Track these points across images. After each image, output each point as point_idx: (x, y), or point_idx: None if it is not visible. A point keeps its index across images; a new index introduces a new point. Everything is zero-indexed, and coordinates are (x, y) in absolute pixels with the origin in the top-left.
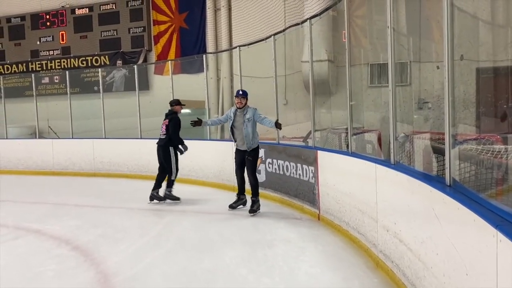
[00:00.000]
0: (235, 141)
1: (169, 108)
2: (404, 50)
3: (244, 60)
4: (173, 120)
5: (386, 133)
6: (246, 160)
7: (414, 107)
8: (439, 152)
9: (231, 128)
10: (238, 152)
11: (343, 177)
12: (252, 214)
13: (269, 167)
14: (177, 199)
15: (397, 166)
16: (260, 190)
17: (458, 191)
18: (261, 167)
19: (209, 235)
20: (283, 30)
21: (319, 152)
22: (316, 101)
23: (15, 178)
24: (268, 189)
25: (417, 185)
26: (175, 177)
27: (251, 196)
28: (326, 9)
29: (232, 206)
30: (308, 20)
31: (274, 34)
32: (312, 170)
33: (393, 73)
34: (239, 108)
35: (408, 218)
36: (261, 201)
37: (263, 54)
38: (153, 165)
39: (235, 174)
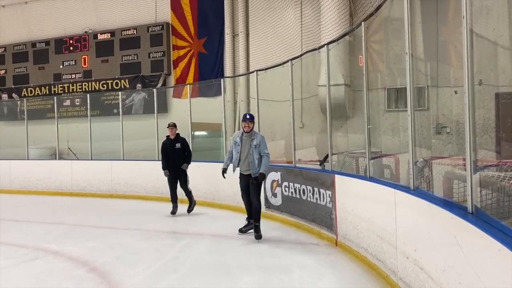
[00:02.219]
0: (237, 165)
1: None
2: (421, 75)
3: (261, 84)
4: None
5: (404, 158)
6: (250, 184)
7: (432, 131)
8: (459, 178)
9: (231, 150)
10: (242, 176)
11: (361, 202)
12: (259, 239)
13: (285, 191)
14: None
15: (417, 192)
16: (276, 214)
17: (480, 218)
18: (277, 190)
19: (225, 259)
20: (301, 55)
21: (336, 176)
22: (333, 125)
23: (35, 198)
24: (285, 213)
25: (438, 211)
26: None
27: (253, 221)
28: (344, 35)
29: (242, 231)
30: (326, 46)
31: (292, 59)
32: (329, 195)
33: (411, 98)
34: (246, 133)
35: (428, 245)
36: (278, 225)
37: (279, 78)
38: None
39: (242, 199)
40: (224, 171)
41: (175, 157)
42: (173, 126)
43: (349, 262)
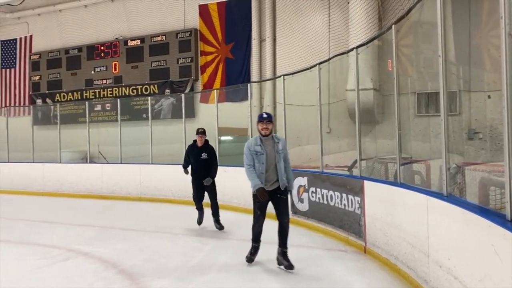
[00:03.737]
0: (260, 179)
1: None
2: (453, 79)
3: (288, 89)
4: None
5: (435, 164)
6: (279, 200)
7: (464, 137)
8: (496, 184)
9: (252, 164)
10: (264, 193)
11: (391, 209)
12: (292, 270)
13: (313, 196)
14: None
15: (450, 198)
16: (303, 220)
17: None
18: (304, 195)
19: (253, 264)
20: (329, 59)
21: (365, 182)
22: (362, 130)
23: (66, 201)
24: (312, 219)
25: (474, 219)
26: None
27: (281, 247)
28: (373, 39)
29: (251, 259)
30: (355, 49)
31: (319, 63)
32: (358, 201)
33: (444, 102)
34: (265, 136)
35: (463, 253)
36: (304, 231)
37: (306, 83)
38: None
39: (253, 227)
40: (263, 191)
41: (199, 167)
42: (202, 133)
43: (379, 269)
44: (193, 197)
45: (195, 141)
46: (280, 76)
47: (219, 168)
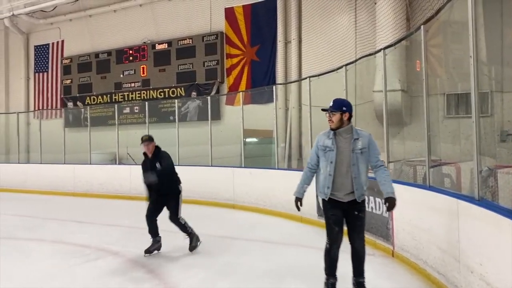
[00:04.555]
0: (330, 187)
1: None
2: (485, 80)
3: (313, 90)
4: None
5: (466, 166)
6: (355, 219)
7: (496, 139)
8: None
9: (313, 164)
10: (335, 206)
11: (420, 212)
12: None
13: None
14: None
15: (482, 202)
16: None
17: None
18: None
19: (278, 266)
20: (355, 61)
21: (393, 184)
22: (389, 132)
23: (97, 201)
24: None
25: (507, 223)
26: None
27: (357, 277)
28: (401, 39)
29: None
30: (382, 50)
31: (346, 65)
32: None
33: (476, 103)
34: (334, 130)
35: (496, 259)
36: None
37: (332, 84)
38: (223, 192)
39: (328, 251)
40: (299, 201)
41: (159, 179)
42: (146, 141)
43: (407, 274)
44: (146, 216)
45: (144, 153)
46: (306, 78)
47: (244, 170)
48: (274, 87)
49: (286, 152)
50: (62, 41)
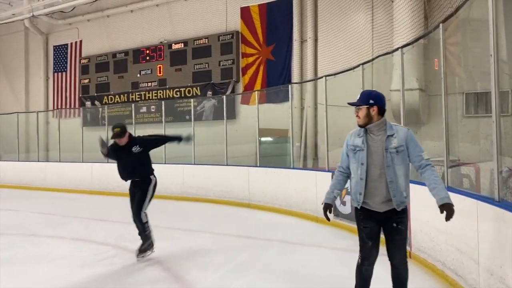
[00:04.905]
0: (362, 193)
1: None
2: (505, 78)
3: (329, 90)
4: None
5: (485, 167)
6: (393, 232)
7: None
8: None
9: (344, 166)
10: (366, 215)
11: (438, 213)
12: None
13: None
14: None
15: (502, 203)
16: (345, 223)
17: None
18: (346, 198)
19: (294, 266)
20: (372, 59)
21: (411, 185)
22: None
23: (114, 199)
24: (354, 222)
25: None
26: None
27: None
28: (419, 38)
29: None
30: (400, 49)
31: (363, 64)
32: None
33: (496, 103)
34: (363, 126)
35: None
36: (347, 233)
37: (349, 83)
38: (239, 191)
39: (359, 267)
40: (327, 208)
41: (128, 166)
42: (117, 136)
43: (424, 275)
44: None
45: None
46: (322, 77)
47: (260, 169)
48: (289, 86)
49: (301, 152)
50: (80, 41)
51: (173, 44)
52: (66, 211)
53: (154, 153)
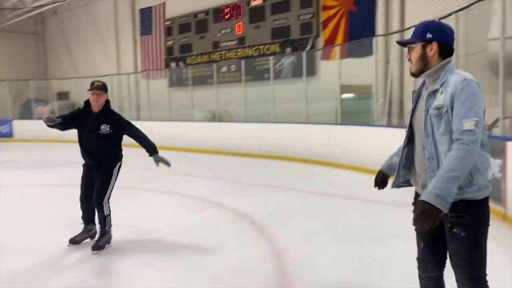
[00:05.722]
0: (402, 167)
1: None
2: None
3: None
4: None
5: None
6: (448, 236)
7: None
8: None
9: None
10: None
11: None
12: None
13: None
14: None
15: None
16: None
17: None
18: None
19: (377, 225)
20: (467, 6)
21: (509, 143)
22: (506, 84)
23: (199, 156)
24: None
25: None
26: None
27: None
28: None
29: None
30: None
31: (457, 11)
32: (498, 164)
33: None
34: (415, 75)
35: None
36: None
37: None
38: (319, 149)
39: (418, 259)
40: (378, 174)
41: (91, 147)
42: (98, 88)
43: None
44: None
45: (87, 102)
46: (410, 27)
47: (341, 127)
48: (373, 39)
49: (386, 108)
50: (164, 3)
51: (252, 1)
52: (157, 167)
53: (234, 112)
